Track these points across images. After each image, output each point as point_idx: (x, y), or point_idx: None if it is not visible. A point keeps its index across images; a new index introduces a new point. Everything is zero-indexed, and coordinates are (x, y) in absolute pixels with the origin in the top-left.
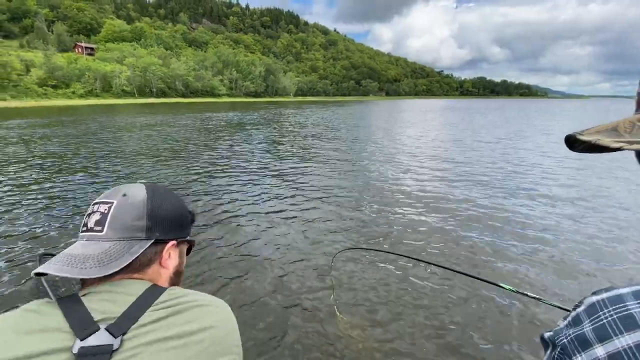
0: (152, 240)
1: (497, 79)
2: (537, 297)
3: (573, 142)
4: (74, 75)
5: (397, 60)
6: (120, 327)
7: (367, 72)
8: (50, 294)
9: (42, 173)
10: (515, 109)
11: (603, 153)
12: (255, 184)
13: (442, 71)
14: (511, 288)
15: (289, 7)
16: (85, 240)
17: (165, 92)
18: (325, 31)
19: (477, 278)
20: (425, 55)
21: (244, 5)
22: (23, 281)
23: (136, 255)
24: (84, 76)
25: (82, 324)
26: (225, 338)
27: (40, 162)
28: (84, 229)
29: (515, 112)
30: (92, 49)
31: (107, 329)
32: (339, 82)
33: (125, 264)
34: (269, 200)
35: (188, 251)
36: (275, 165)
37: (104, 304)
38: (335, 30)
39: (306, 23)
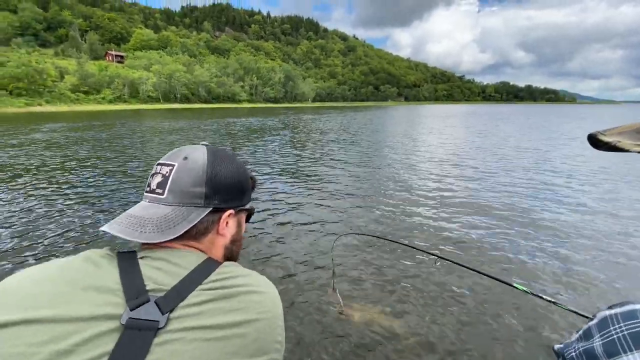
0: (210, 209)
1: (521, 84)
2: (552, 300)
3: (596, 142)
4: (104, 81)
5: (416, 65)
6: (168, 303)
7: (385, 77)
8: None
9: (81, 173)
10: (541, 114)
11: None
12: (277, 186)
13: (463, 76)
14: (525, 289)
15: (310, 14)
16: (148, 202)
17: (189, 98)
18: (344, 37)
19: (493, 278)
20: (445, 60)
21: (265, 14)
22: None
23: (193, 224)
24: (113, 83)
25: (135, 292)
26: (269, 334)
27: (75, 163)
28: (148, 189)
29: (542, 118)
30: (121, 56)
31: (156, 303)
32: (357, 87)
33: (182, 232)
34: (290, 201)
35: (247, 218)
36: (297, 168)
37: (157, 273)
38: (354, 36)
39: (326, 30)
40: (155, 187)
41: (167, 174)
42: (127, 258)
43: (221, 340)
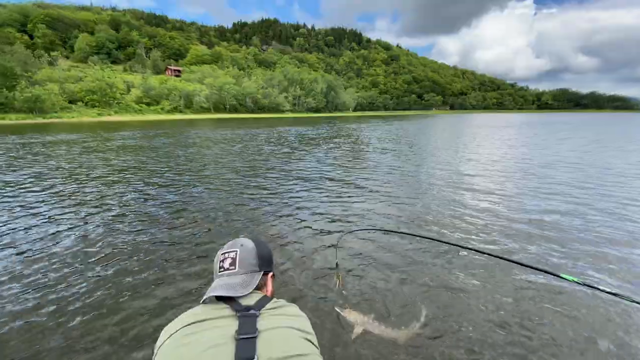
0: (262, 272)
1: (584, 91)
2: (614, 292)
3: None
4: (163, 94)
5: (463, 72)
6: (257, 307)
7: (430, 85)
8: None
9: (153, 174)
10: (616, 124)
11: None
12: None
13: (515, 83)
14: (576, 279)
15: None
16: (227, 276)
17: (237, 109)
18: (387, 47)
19: (541, 270)
20: (496, 67)
21: (310, 27)
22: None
23: (257, 281)
24: (171, 95)
25: (240, 308)
26: (307, 321)
27: (145, 166)
28: (222, 269)
29: (617, 128)
30: (179, 71)
31: (251, 308)
32: (400, 96)
33: (253, 287)
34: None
35: (273, 277)
36: (348, 177)
37: (247, 300)
38: (397, 46)
39: (369, 40)
40: (228, 267)
41: (234, 257)
42: (230, 300)
43: (287, 317)
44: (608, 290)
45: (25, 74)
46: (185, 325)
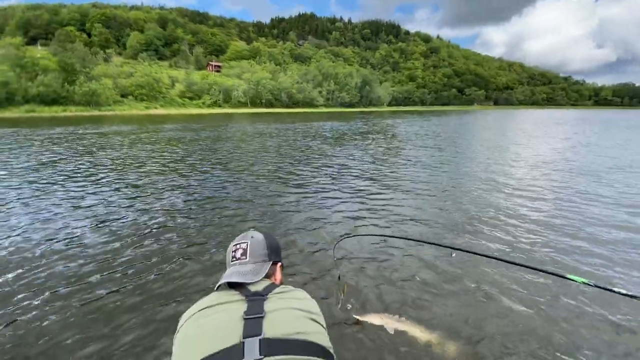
0: (271, 262)
1: None
2: (630, 294)
3: None
4: (204, 88)
5: (510, 65)
6: (265, 292)
7: (472, 79)
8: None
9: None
10: None
11: None
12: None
13: (569, 77)
14: (586, 281)
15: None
16: (239, 265)
17: (272, 103)
18: (426, 39)
19: (543, 271)
20: (548, 58)
21: (346, 20)
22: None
23: (266, 270)
24: (211, 89)
25: (248, 294)
26: (314, 303)
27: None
28: (234, 259)
29: None
30: (219, 66)
31: (260, 293)
32: (439, 90)
33: (263, 275)
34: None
35: (282, 268)
36: (380, 175)
37: (256, 287)
38: (438, 37)
39: (407, 32)
40: (239, 257)
41: (245, 248)
42: (240, 286)
43: (295, 299)
44: (623, 291)
45: (83, 69)
46: (200, 310)
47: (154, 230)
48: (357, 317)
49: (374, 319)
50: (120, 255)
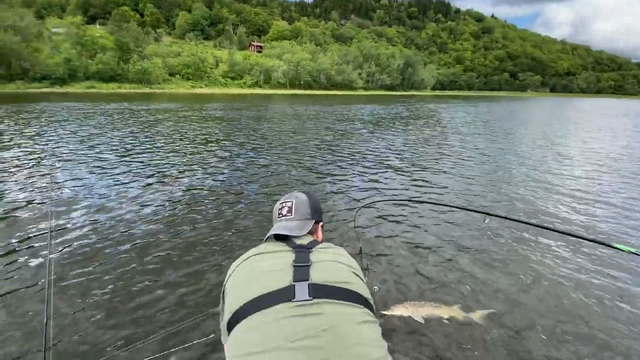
0: (314, 220)
1: None
2: None
3: None
4: (246, 69)
5: (573, 48)
6: (310, 246)
7: (527, 63)
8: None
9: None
10: None
11: None
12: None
13: None
14: (634, 250)
15: None
16: (285, 221)
17: (311, 85)
18: (479, 18)
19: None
20: (618, 42)
21: None
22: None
23: (310, 227)
24: (253, 70)
25: (295, 246)
26: (354, 261)
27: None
28: (280, 216)
29: None
30: (260, 47)
31: (305, 246)
32: (489, 74)
33: (307, 231)
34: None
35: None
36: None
37: (301, 240)
38: (492, 16)
39: (458, 10)
40: (285, 213)
41: (290, 206)
42: (288, 239)
43: (336, 254)
44: None
45: (136, 48)
46: (250, 257)
47: (220, 194)
48: (382, 312)
49: (399, 310)
50: (183, 214)
